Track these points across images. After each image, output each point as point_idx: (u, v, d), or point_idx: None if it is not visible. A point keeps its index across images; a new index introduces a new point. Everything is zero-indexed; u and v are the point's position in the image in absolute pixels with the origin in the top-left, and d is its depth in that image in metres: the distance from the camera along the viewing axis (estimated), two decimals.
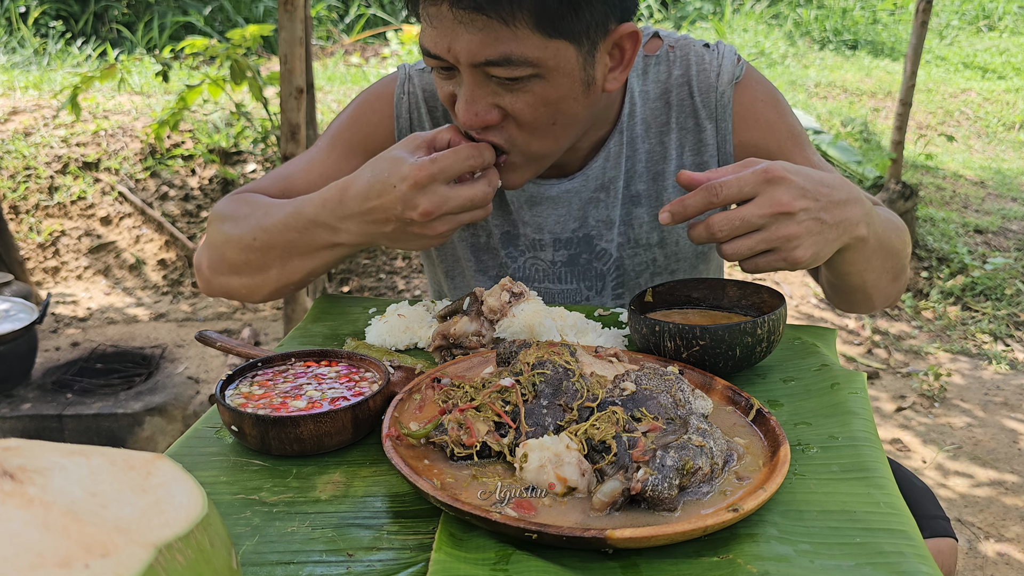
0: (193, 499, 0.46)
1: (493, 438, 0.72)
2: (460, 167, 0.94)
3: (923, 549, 0.62)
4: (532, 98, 0.98)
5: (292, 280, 1.10)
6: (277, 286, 1.11)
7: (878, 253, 1.02)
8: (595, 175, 1.20)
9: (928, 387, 3.24)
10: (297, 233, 1.04)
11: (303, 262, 1.07)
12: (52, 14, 6.52)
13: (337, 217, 0.99)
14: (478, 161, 0.96)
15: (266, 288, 1.12)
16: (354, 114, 1.26)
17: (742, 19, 8.07)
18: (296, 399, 0.82)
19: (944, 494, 2.58)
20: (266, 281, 1.10)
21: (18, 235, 4.08)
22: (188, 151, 4.37)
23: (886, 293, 1.12)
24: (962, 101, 6.81)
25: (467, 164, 0.95)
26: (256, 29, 3.55)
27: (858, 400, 0.85)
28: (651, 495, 0.63)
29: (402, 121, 1.24)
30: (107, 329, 3.69)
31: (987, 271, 4.10)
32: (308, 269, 1.08)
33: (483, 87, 0.98)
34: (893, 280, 1.11)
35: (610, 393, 0.75)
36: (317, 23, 7.13)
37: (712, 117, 1.18)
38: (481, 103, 0.98)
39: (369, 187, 0.96)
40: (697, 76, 1.17)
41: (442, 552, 0.62)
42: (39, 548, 0.38)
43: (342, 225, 1.00)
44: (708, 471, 0.66)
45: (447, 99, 1.05)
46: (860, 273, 1.03)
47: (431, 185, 0.93)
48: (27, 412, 2.81)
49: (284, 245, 1.05)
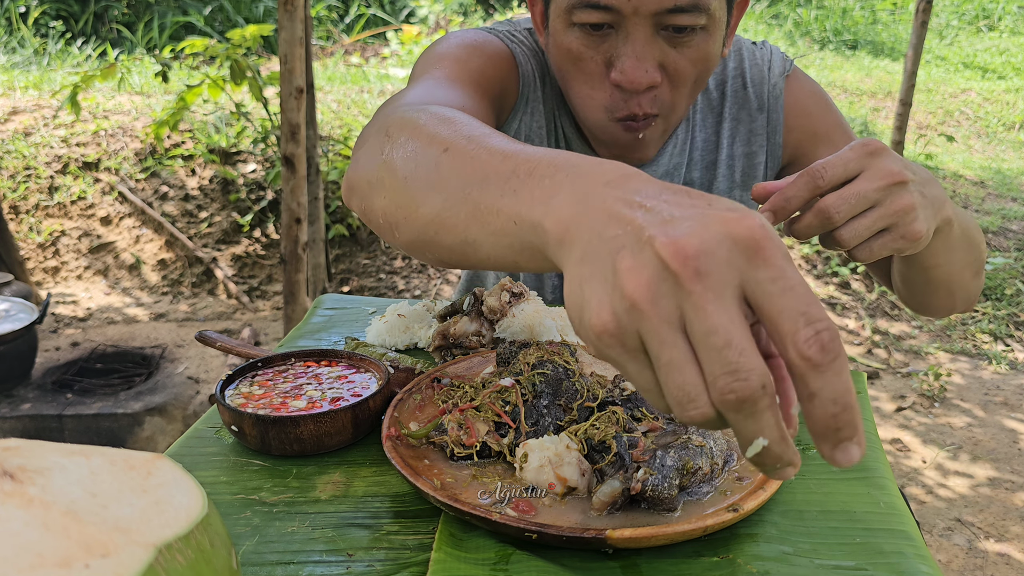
0: (193, 499, 0.46)
1: (493, 438, 0.72)
2: (722, 341, 0.42)
3: (923, 549, 0.62)
4: (694, 53, 0.99)
5: (441, 238, 0.65)
6: (422, 234, 0.67)
7: (961, 241, 0.94)
8: (664, 161, 1.21)
9: (928, 387, 3.24)
10: (503, 169, 0.58)
11: (470, 221, 0.61)
12: (52, 14, 6.52)
13: (590, 178, 0.51)
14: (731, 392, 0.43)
15: (408, 231, 0.69)
16: (477, 53, 1.06)
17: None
18: (296, 399, 0.82)
19: (944, 494, 2.58)
20: (414, 217, 0.67)
21: (18, 235, 4.08)
22: (188, 151, 4.37)
23: (968, 290, 1.04)
24: (962, 101, 6.81)
25: (729, 364, 0.42)
26: (256, 29, 3.55)
27: (858, 400, 0.85)
28: (651, 495, 0.63)
29: (524, 69, 1.13)
30: (107, 329, 3.69)
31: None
32: (468, 235, 0.62)
33: (652, 43, 0.97)
34: (975, 275, 1.04)
35: (610, 393, 0.75)
36: (317, 23, 7.13)
37: (764, 108, 1.20)
38: (650, 60, 0.97)
39: (656, 193, 0.47)
40: (750, 69, 1.21)
41: (442, 552, 0.62)
42: (39, 548, 0.38)
43: (569, 189, 0.51)
44: (708, 471, 0.66)
45: (585, 74, 1.01)
46: (946, 264, 0.96)
47: (738, 255, 0.43)
48: (27, 412, 2.81)
49: (472, 180, 0.61)
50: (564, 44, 1.01)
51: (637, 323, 0.44)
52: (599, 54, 0.99)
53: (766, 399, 0.43)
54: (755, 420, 0.44)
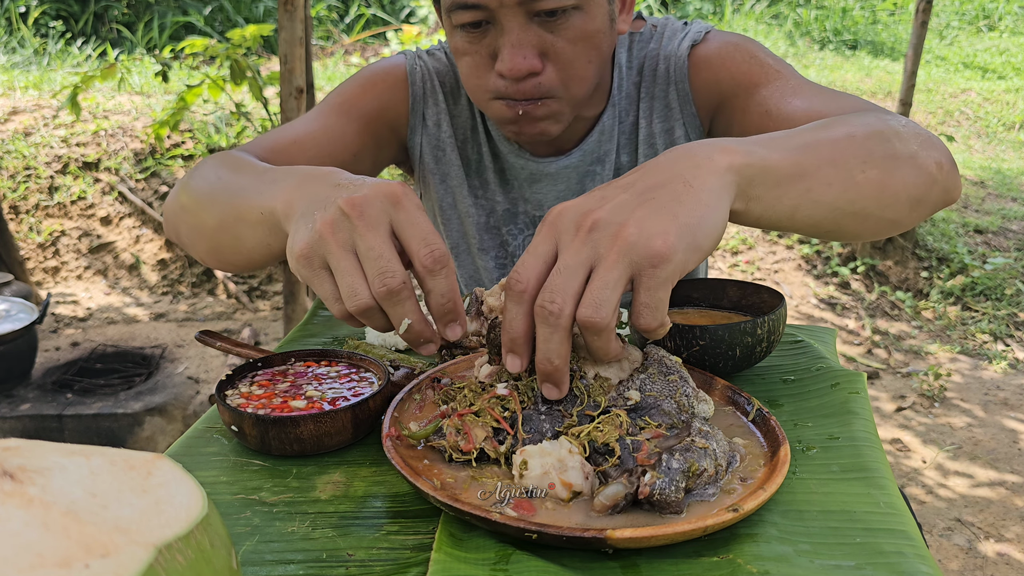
0: (193, 499, 0.46)
1: (491, 444, 0.71)
2: (423, 232, 0.69)
3: (923, 549, 0.62)
4: (573, 33, 1.02)
5: (222, 242, 0.93)
6: (211, 241, 0.95)
7: (812, 165, 0.78)
8: (591, 149, 1.23)
9: (928, 387, 3.24)
10: (254, 182, 0.87)
11: (236, 223, 0.88)
12: (52, 14, 6.52)
13: (307, 176, 0.79)
14: (432, 261, 0.69)
15: (202, 243, 0.97)
16: (365, 82, 1.23)
17: (742, 19, 8.07)
18: (296, 399, 0.82)
19: (944, 494, 2.58)
20: (204, 229, 0.95)
21: (18, 235, 4.08)
22: (188, 151, 4.37)
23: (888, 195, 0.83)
24: (962, 101, 6.81)
25: (427, 242, 0.69)
26: (256, 29, 3.55)
27: (858, 400, 0.85)
28: (658, 498, 0.63)
29: (416, 88, 1.24)
30: (107, 329, 3.69)
31: (987, 271, 4.10)
32: (236, 233, 0.89)
33: (526, 31, 1.00)
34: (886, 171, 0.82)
35: (613, 401, 0.74)
36: (317, 23, 7.13)
37: (672, 81, 1.20)
38: (527, 47, 1.01)
39: (347, 176, 0.76)
40: (666, 47, 1.21)
41: (442, 552, 0.62)
42: (39, 548, 0.38)
43: (288, 183, 0.80)
44: (713, 472, 0.66)
45: (471, 68, 1.07)
46: (809, 206, 0.78)
47: (387, 202, 0.69)
48: (27, 412, 2.81)
49: (234, 192, 0.89)
50: (453, 44, 1.08)
51: (322, 248, 0.69)
52: (483, 48, 1.05)
53: (406, 291, 0.68)
54: (401, 306, 0.68)
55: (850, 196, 0.80)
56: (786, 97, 1.06)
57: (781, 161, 0.76)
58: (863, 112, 0.93)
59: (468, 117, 1.27)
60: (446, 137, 1.27)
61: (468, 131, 1.27)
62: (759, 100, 1.09)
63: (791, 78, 1.08)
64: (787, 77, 1.08)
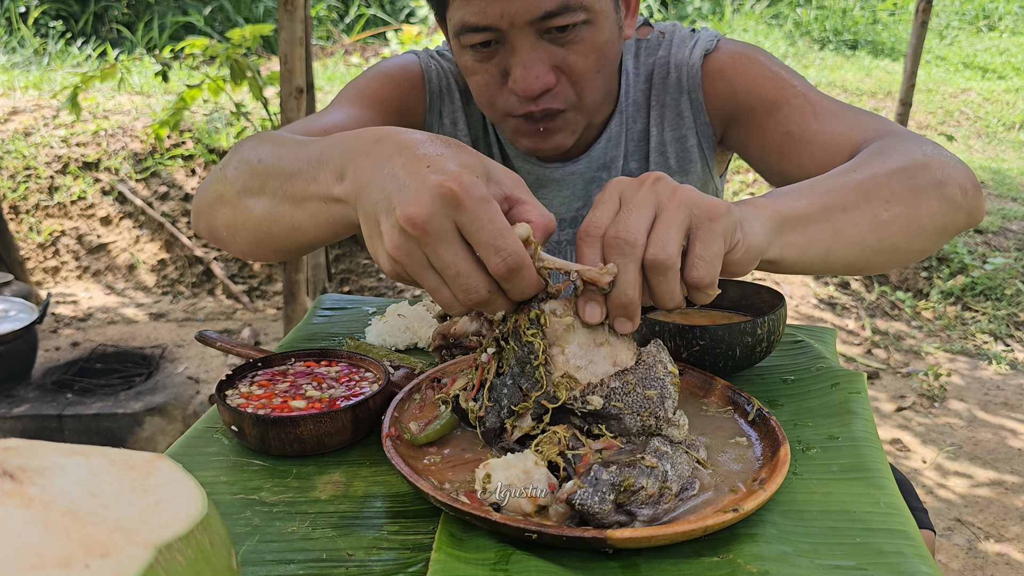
0: (193, 499, 0.46)
1: (467, 396, 0.75)
2: (490, 237, 0.64)
3: (923, 549, 0.62)
4: (584, 47, 1.02)
5: (273, 231, 0.87)
6: (255, 235, 0.89)
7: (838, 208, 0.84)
8: (598, 155, 1.22)
9: (928, 387, 3.24)
10: (306, 164, 0.80)
11: (291, 210, 0.82)
12: (52, 14, 6.52)
13: (355, 155, 0.74)
14: (505, 266, 0.65)
15: (244, 234, 0.91)
16: (381, 79, 1.21)
17: (742, 19, 8.07)
18: (296, 399, 0.82)
19: (944, 494, 2.58)
20: (248, 222, 0.89)
21: (18, 235, 4.08)
22: (188, 151, 4.37)
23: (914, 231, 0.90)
24: (962, 101, 6.81)
25: (499, 249, 0.65)
26: (256, 29, 3.55)
27: (858, 400, 0.85)
28: (579, 507, 0.62)
29: (433, 86, 1.23)
30: (107, 329, 3.69)
31: (987, 271, 4.10)
32: (293, 222, 0.83)
33: (537, 49, 1.00)
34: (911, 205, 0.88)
35: (572, 401, 0.71)
36: (317, 23, 7.13)
37: (685, 90, 1.20)
38: (539, 65, 1.01)
39: (414, 145, 0.69)
40: (676, 55, 1.20)
41: (442, 552, 0.62)
42: (39, 548, 0.38)
43: (352, 167, 0.73)
44: (654, 492, 0.64)
45: (482, 87, 1.06)
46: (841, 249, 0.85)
47: (447, 206, 0.64)
48: (27, 412, 2.81)
49: (285, 174, 0.82)
50: (462, 63, 1.08)
51: (404, 270, 0.67)
52: (493, 67, 1.04)
53: (494, 297, 0.67)
54: (494, 304, 0.68)
55: (878, 234, 0.87)
56: (807, 118, 1.09)
57: (809, 207, 0.83)
58: (885, 146, 0.97)
59: (479, 118, 1.27)
60: (462, 136, 1.26)
61: (480, 132, 1.27)
62: (778, 119, 1.11)
63: (808, 93, 1.11)
64: (804, 93, 1.11)
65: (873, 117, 1.07)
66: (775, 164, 1.12)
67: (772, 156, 1.12)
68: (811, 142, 1.07)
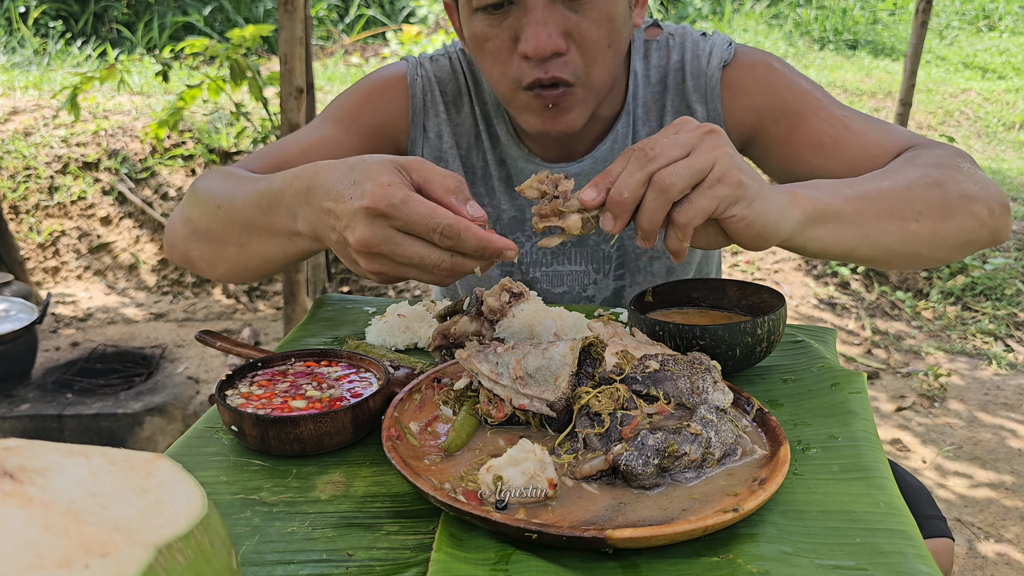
0: (193, 499, 0.46)
1: (521, 407, 0.77)
2: (424, 225, 0.76)
3: (923, 549, 0.62)
4: (597, 14, 1.02)
5: (249, 265, 1.02)
6: (233, 267, 1.04)
7: (869, 216, 0.91)
8: (603, 156, 1.22)
9: (928, 387, 3.24)
10: (260, 211, 0.93)
11: (260, 245, 0.96)
12: (52, 14, 6.52)
13: (298, 202, 0.86)
14: (449, 240, 0.77)
15: (222, 266, 1.05)
16: (365, 94, 1.25)
17: (742, 19, 8.07)
18: (296, 399, 0.82)
19: (944, 494, 2.58)
20: (223, 258, 1.03)
21: (18, 235, 4.08)
22: (188, 151, 4.37)
23: (939, 237, 0.97)
24: (962, 101, 6.81)
25: (434, 229, 0.77)
26: (256, 29, 3.55)
27: (858, 400, 0.85)
28: (624, 469, 0.66)
29: (416, 100, 1.25)
30: (107, 329, 3.69)
31: (987, 271, 4.10)
32: (265, 255, 0.98)
33: (551, 10, 1.01)
34: (938, 220, 0.95)
35: (634, 369, 0.78)
36: (317, 23, 7.13)
37: (702, 100, 1.20)
38: (551, 26, 1.01)
39: (332, 186, 0.81)
40: (691, 62, 1.20)
41: (442, 552, 0.62)
42: (39, 548, 0.38)
43: (300, 212, 0.87)
44: (697, 458, 0.68)
45: (493, 54, 1.07)
46: (866, 245, 0.93)
47: (381, 220, 0.77)
48: (27, 412, 2.81)
49: (245, 221, 0.96)
50: (472, 30, 1.07)
51: (381, 279, 0.82)
52: (504, 31, 1.05)
53: (458, 263, 0.80)
54: (464, 266, 0.80)
55: (904, 241, 0.95)
56: (838, 129, 1.12)
57: (844, 207, 0.90)
58: (924, 156, 1.02)
59: (471, 125, 1.26)
60: (448, 148, 1.26)
61: (472, 139, 1.27)
62: (807, 131, 1.13)
63: (833, 106, 1.15)
64: (829, 106, 1.15)
65: (902, 131, 1.13)
66: (804, 174, 1.14)
67: (802, 167, 1.15)
68: (846, 151, 1.11)
